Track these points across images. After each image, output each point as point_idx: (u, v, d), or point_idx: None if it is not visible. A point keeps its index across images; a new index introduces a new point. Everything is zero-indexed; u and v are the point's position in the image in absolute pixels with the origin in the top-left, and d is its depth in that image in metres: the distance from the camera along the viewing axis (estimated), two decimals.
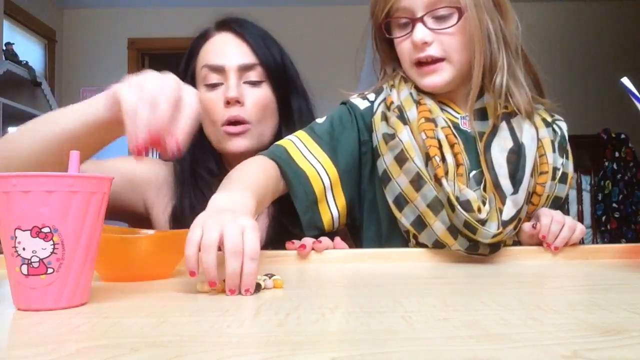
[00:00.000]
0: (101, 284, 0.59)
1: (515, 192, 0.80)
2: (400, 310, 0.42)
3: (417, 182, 0.81)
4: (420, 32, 0.83)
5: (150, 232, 0.74)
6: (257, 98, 0.95)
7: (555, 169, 0.87)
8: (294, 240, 0.80)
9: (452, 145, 0.82)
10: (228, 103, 0.93)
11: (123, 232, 0.72)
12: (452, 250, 0.80)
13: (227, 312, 0.43)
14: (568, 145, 0.92)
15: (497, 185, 0.81)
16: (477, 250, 0.78)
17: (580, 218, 3.08)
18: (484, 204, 0.80)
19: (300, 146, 0.86)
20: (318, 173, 0.85)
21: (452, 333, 0.34)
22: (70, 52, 4.47)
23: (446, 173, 0.79)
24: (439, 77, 0.85)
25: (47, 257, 0.43)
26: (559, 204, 0.89)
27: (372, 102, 0.92)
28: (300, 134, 0.89)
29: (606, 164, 3.59)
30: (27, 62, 3.59)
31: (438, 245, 0.81)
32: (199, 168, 0.98)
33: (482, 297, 0.48)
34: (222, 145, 0.96)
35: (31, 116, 3.30)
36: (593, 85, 4.12)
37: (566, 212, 0.91)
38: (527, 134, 0.85)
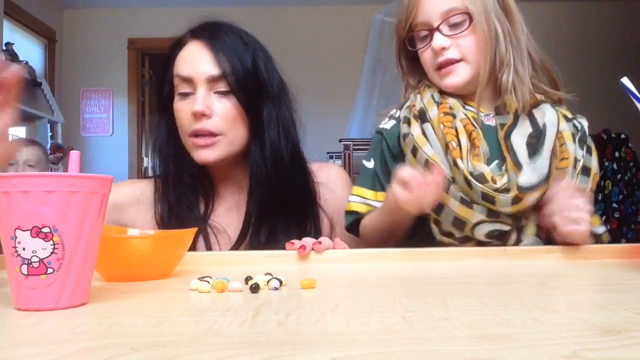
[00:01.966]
0: (101, 284, 0.59)
1: (533, 161, 0.86)
2: (400, 310, 0.42)
3: (427, 169, 0.86)
4: (438, 40, 0.91)
5: (150, 232, 0.74)
6: (225, 109, 0.94)
7: (575, 159, 0.90)
8: (294, 241, 0.80)
9: (469, 133, 0.89)
10: (195, 116, 0.93)
11: (123, 232, 0.72)
12: (453, 249, 0.81)
13: (227, 312, 0.43)
14: (590, 142, 0.95)
15: (517, 164, 0.88)
16: (499, 217, 0.83)
17: None
18: (502, 177, 0.86)
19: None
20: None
21: (452, 333, 0.34)
22: (70, 52, 4.47)
23: (462, 156, 0.87)
24: (457, 77, 0.93)
25: (47, 257, 0.43)
26: None
27: (397, 118, 1.01)
28: (359, 190, 0.99)
29: (606, 164, 3.59)
30: (27, 62, 3.59)
31: (458, 224, 0.86)
32: (182, 173, 0.98)
33: (482, 297, 0.48)
34: (192, 155, 0.96)
35: (31, 116, 3.29)
36: (593, 85, 4.12)
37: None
38: (550, 117, 0.91)
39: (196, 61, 0.95)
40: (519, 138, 0.90)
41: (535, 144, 0.88)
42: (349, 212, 0.98)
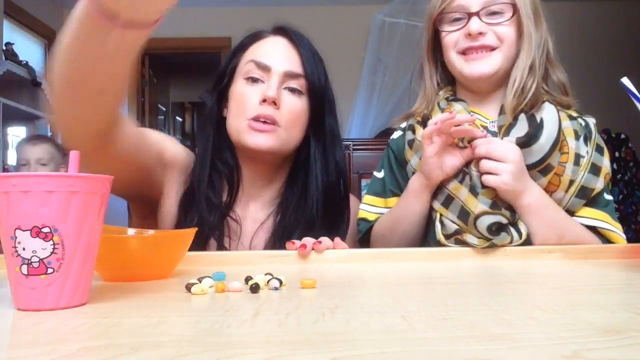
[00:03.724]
0: (101, 284, 0.59)
1: (528, 146, 0.87)
2: (400, 310, 0.42)
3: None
4: (476, 24, 0.89)
5: (150, 232, 0.74)
6: (293, 106, 0.95)
7: (577, 155, 0.90)
8: (294, 241, 0.81)
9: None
10: (264, 101, 0.92)
11: (123, 232, 0.72)
12: (453, 249, 0.80)
13: (227, 312, 0.43)
14: (599, 140, 0.94)
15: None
16: (500, 209, 0.85)
17: None
18: None
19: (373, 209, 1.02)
20: None
21: (452, 333, 0.34)
22: None
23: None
24: (487, 65, 0.91)
25: (47, 257, 0.43)
26: (590, 195, 0.90)
27: (403, 128, 1.03)
28: (369, 199, 1.02)
29: None
30: (27, 62, 3.59)
31: (463, 215, 0.87)
32: (216, 157, 0.98)
33: (482, 297, 0.48)
34: (243, 138, 0.94)
35: (31, 116, 3.27)
36: (593, 85, 4.12)
37: (615, 217, 0.93)
38: (547, 112, 0.90)
39: (279, 54, 0.96)
40: (515, 135, 0.89)
41: (527, 141, 0.87)
42: (360, 219, 1.00)
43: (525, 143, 0.87)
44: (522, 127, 0.89)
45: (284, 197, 0.99)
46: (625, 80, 0.67)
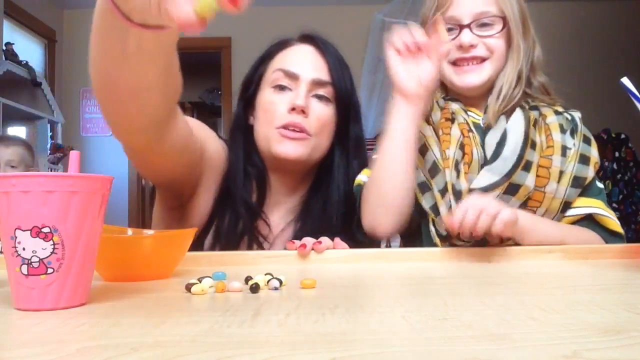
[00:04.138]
0: (101, 284, 0.59)
1: (490, 163, 0.89)
2: (400, 310, 0.42)
3: (434, 169, 0.92)
4: (467, 36, 0.91)
5: (150, 232, 0.74)
6: (321, 114, 0.95)
7: (564, 147, 0.92)
8: (294, 240, 0.81)
9: (462, 142, 0.91)
10: (293, 109, 0.92)
11: (123, 232, 0.72)
12: (453, 249, 0.81)
13: (227, 312, 0.43)
14: (585, 131, 0.96)
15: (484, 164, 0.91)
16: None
17: None
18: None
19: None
20: None
21: (452, 333, 0.34)
22: (70, 52, 4.46)
23: (455, 165, 0.90)
24: (477, 77, 0.93)
25: (47, 257, 0.43)
26: (584, 184, 0.91)
27: None
28: (366, 171, 0.96)
29: (606, 164, 3.59)
30: (27, 62, 3.59)
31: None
32: (247, 163, 0.98)
33: (482, 297, 0.48)
34: (272, 146, 0.94)
35: (31, 116, 3.25)
36: (593, 85, 4.12)
37: (608, 204, 0.95)
38: (513, 121, 0.92)
39: (307, 62, 0.96)
40: (493, 139, 0.92)
41: (497, 149, 0.91)
42: (355, 186, 0.97)
43: (496, 150, 0.91)
44: (500, 129, 0.92)
45: (305, 205, 1.00)
46: (625, 80, 0.67)
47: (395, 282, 0.61)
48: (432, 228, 0.92)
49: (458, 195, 0.88)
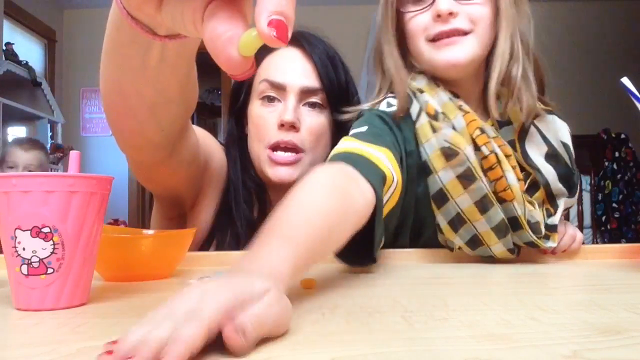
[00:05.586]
0: (101, 284, 0.59)
1: (572, 195, 0.81)
2: (400, 310, 0.42)
3: (483, 203, 0.74)
4: (445, 3, 0.74)
5: (150, 232, 0.74)
6: (314, 125, 0.88)
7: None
8: None
9: (508, 157, 0.75)
10: (282, 126, 0.86)
11: (123, 232, 0.72)
12: (453, 252, 0.81)
13: None
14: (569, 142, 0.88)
15: (549, 192, 0.79)
16: (515, 253, 0.78)
17: (580, 218, 3.08)
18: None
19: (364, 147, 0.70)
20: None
21: (452, 333, 0.34)
22: (70, 52, 4.47)
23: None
24: (461, 51, 0.75)
25: (47, 257, 0.43)
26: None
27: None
28: (350, 139, 0.72)
29: (606, 164, 3.59)
30: (27, 62, 3.60)
31: (473, 242, 0.76)
32: (246, 177, 0.93)
33: (482, 297, 0.48)
34: (264, 169, 0.89)
35: (31, 116, 3.27)
36: (593, 85, 4.12)
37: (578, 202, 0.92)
38: (563, 133, 0.82)
39: (292, 69, 0.89)
40: (537, 155, 0.78)
41: (556, 164, 0.78)
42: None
43: (553, 161, 0.79)
44: (537, 141, 0.79)
45: None
46: (625, 80, 0.67)
47: (395, 282, 0.61)
48: (440, 235, 0.80)
49: (535, 227, 0.75)
